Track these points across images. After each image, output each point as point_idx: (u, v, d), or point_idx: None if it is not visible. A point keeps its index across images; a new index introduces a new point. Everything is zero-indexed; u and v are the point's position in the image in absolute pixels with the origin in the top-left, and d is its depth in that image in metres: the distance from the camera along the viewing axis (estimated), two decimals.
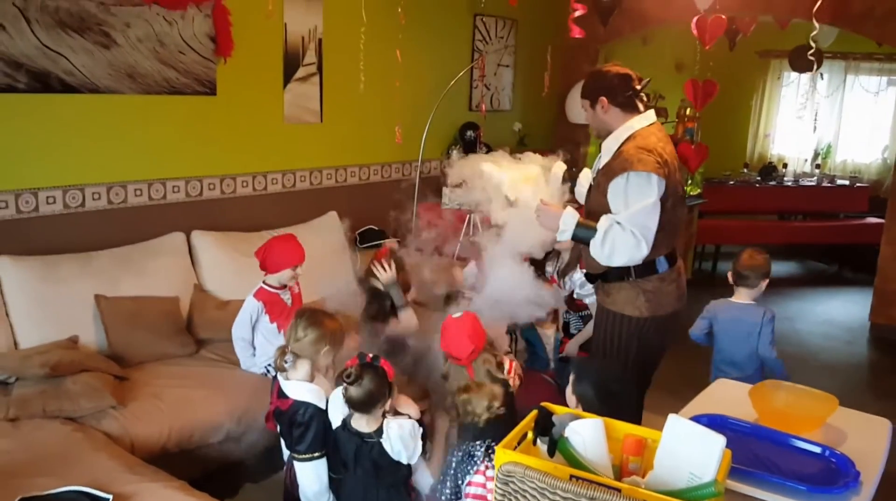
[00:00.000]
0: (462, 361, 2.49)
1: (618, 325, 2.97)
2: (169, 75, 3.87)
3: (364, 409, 2.39)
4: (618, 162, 2.78)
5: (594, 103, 2.90)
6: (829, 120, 8.70)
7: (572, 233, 2.80)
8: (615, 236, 2.71)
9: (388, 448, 2.36)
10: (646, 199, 2.70)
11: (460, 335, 2.52)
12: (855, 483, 2.14)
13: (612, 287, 2.96)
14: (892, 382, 4.93)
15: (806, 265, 8.03)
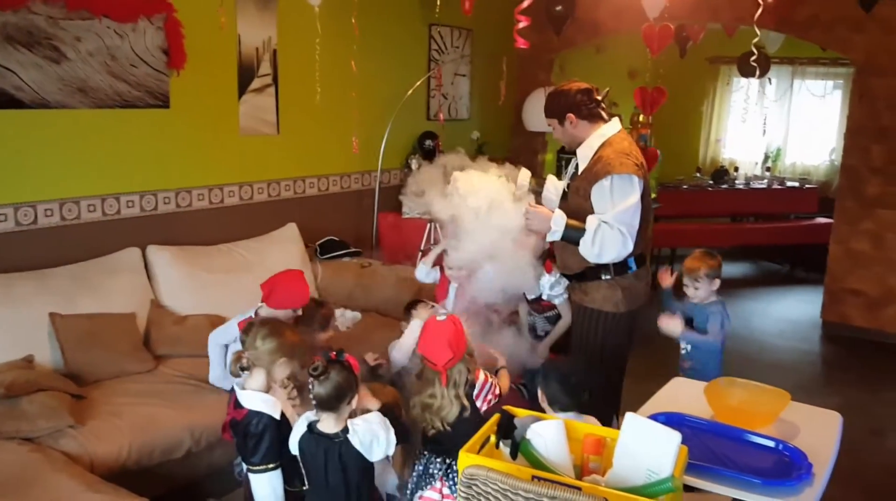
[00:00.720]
0: (437, 367, 2.47)
1: (597, 321, 3.19)
2: (121, 89, 3.83)
3: (333, 405, 2.36)
4: (600, 166, 3.00)
5: (562, 121, 3.13)
6: (778, 124, 8.91)
7: (562, 234, 3.01)
8: (604, 235, 2.94)
9: (357, 444, 2.34)
10: (629, 199, 2.95)
11: (439, 339, 2.46)
12: (808, 475, 2.20)
13: (591, 286, 3.17)
14: (843, 377, 5.06)
15: (759, 266, 8.21)
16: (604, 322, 3.19)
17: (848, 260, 5.79)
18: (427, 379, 2.53)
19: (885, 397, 4.66)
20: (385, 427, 2.38)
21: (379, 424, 2.38)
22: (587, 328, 3.23)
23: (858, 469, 3.65)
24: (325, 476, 2.40)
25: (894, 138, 5.49)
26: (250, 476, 2.57)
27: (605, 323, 3.19)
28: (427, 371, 2.53)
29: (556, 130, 3.20)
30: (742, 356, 5.35)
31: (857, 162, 5.68)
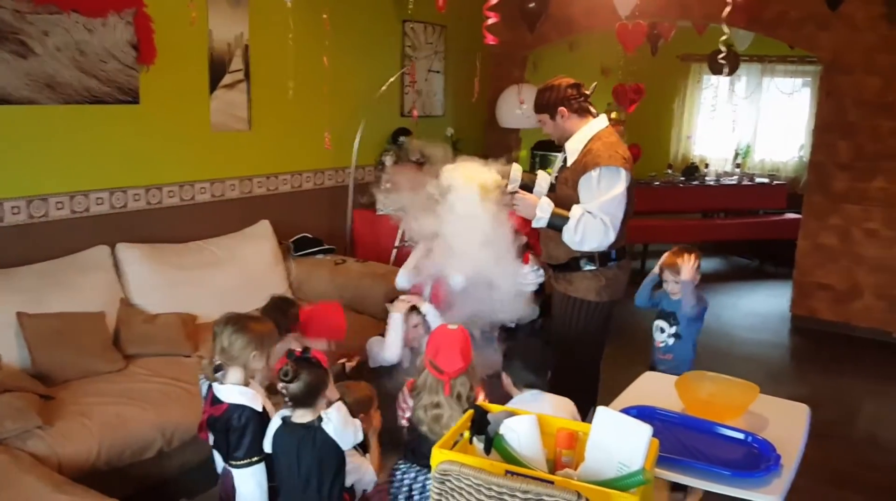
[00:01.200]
0: (444, 375, 2.41)
1: (581, 310, 3.34)
2: (90, 84, 3.77)
3: (307, 402, 2.36)
4: (588, 158, 3.14)
5: (553, 115, 3.26)
6: (747, 121, 9.02)
7: (547, 221, 3.12)
8: (586, 224, 3.07)
9: (331, 431, 2.34)
10: (614, 190, 3.09)
11: (453, 348, 2.43)
12: (776, 467, 2.23)
13: (576, 276, 3.31)
14: (812, 369, 5.14)
15: (729, 261, 8.31)
16: (586, 310, 3.34)
17: (816, 255, 5.89)
18: (430, 387, 2.46)
19: (853, 389, 4.74)
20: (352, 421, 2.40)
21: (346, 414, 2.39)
22: (570, 315, 3.36)
23: (826, 459, 3.71)
24: (297, 468, 2.39)
25: (861, 135, 5.58)
26: (234, 471, 2.54)
27: (587, 311, 3.34)
28: (430, 379, 2.46)
29: (546, 125, 3.33)
30: (713, 349, 5.41)
31: (824, 158, 5.76)
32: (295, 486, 2.44)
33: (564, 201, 3.19)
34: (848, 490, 3.52)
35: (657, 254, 3.64)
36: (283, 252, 4.65)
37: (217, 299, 4.00)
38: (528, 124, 6.44)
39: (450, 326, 2.51)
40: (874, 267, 5.67)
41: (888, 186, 5.55)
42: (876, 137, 5.53)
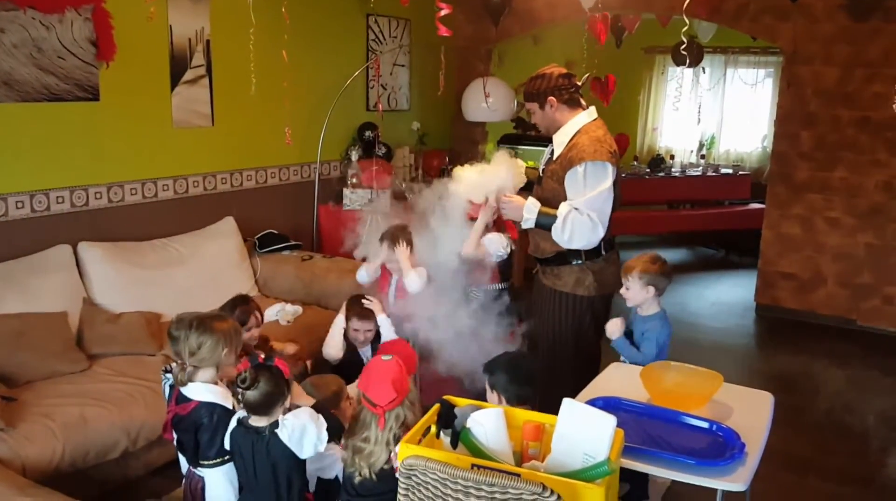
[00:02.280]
0: (377, 408, 2.31)
1: (570, 305, 3.29)
2: (48, 82, 3.70)
3: (263, 411, 2.34)
4: (574, 152, 3.09)
5: (543, 104, 3.20)
6: (712, 112, 9.12)
7: (535, 221, 3.13)
8: (574, 221, 3.04)
9: (285, 438, 2.31)
10: (601, 185, 3.05)
11: (384, 379, 2.31)
12: (740, 455, 2.26)
13: (563, 271, 3.27)
14: (776, 357, 5.22)
15: (695, 252, 8.40)
16: (576, 306, 3.28)
17: (779, 244, 5.97)
18: (363, 422, 2.36)
19: (817, 376, 4.82)
20: (316, 422, 2.35)
21: (309, 418, 2.35)
22: (560, 311, 3.31)
23: (790, 446, 3.77)
24: (253, 470, 2.37)
25: (822, 124, 5.67)
26: (206, 472, 2.52)
27: (576, 307, 3.28)
28: (365, 412, 2.36)
29: (535, 115, 3.27)
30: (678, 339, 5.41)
31: (786, 148, 5.85)
32: (252, 486, 2.42)
33: (551, 195, 3.17)
34: (812, 476, 3.58)
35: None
36: (249, 249, 4.61)
37: (181, 297, 3.95)
38: (494, 118, 6.45)
39: (383, 357, 2.40)
40: (837, 255, 5.77)
41: (848, 175, 5.65)
42: (836, 127, 5.63)
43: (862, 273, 5.70)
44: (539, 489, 1.64)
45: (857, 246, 5.70)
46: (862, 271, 5.70)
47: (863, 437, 3.97)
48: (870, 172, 5.57)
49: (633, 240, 8.52)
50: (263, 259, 4.62)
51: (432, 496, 1.78)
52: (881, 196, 5.56)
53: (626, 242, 8.35)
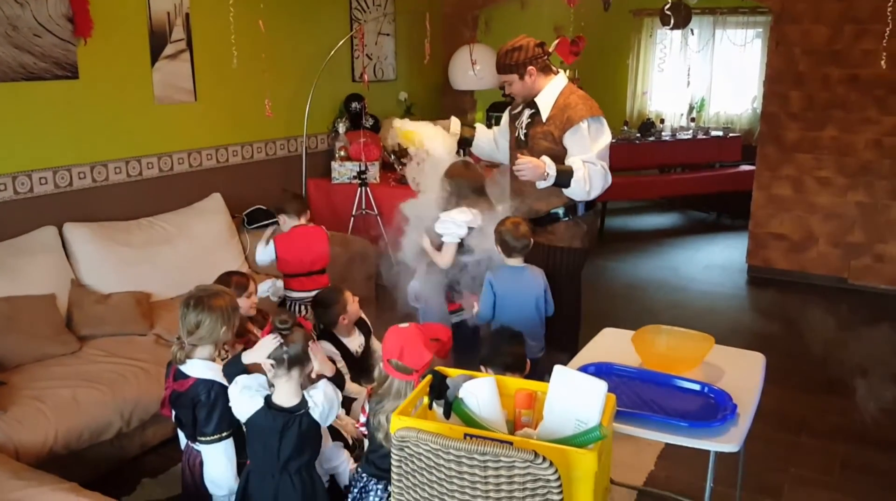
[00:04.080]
0: (414, 375, 2.25)
1: (566, 258, 3.46)
2: (25, 60, 3.64)
3: (304, 359, 2.33)
4: (572, 112, 3.23)
5: (523, 75, 3.31)
6: (701, 74, 9.05)
7: (554, 180, 3.18)
8: (592, 172, 3.19)
9: (318, 415, 2.32)
10: (604, 137, 3.27)
11: (416, 342, 2.27)
12: (732, 416, 2.26)
13: (557, 227, 3.42)
14: (768, 318, 5.23)
15: (687, 216, 8.39)
16: (571, 258, 3.46)
17: (770, 205, 5.96)
18: (396, 393, 2.30)
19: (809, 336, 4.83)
20: (336, 391, 2.38)
21: (332, 390, 2.37)
22: (555, 266, 3.42)
23: (782, 405, 3.79)
24: (277, 450, 2.33)
25: (811, 84, 5.63)
26: (204, 448, 2.53)
27: (571, 259, 3.47)
28: (395, 384, 2.30)
29: (514, 85, 3.38)
30: (671, 302, 5.48)
31: (776, 109, 5.81)
32: (271, 467, 2.37)
33: (540, 155, 3.24)
34: (805, 434, 3.60)
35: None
36: (237, 226, 4.58)
37: (171, 276, 3.93)
38: (481, 86, 6.38)
39: (401, 325, 2.36)
40: (827, 215, 5.76)
41: (839, 134, 5.62)
42: (826, 86, 5.59)
43: (853, 232, 5.70)
44: (531, 456, 1.63)
45: (847, 205, 5.69)
46: (853, 229, 5.70)
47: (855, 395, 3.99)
48: (860, 131, 5.55)
49: (624, 206, 8.51)
50: (252, 235, 4.58)
51: (425, 466, 1.78)
52: (871, 154, 5.54)
53: (618, 208, 8.34)
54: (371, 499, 2.37)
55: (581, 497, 1.78)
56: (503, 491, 1.70)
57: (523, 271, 3.20)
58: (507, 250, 3.16)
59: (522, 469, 1.65)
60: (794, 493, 3.11)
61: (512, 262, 3.19)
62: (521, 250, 3.17)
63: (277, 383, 2.34)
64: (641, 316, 4.67)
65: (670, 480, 3.16)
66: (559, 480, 1.65)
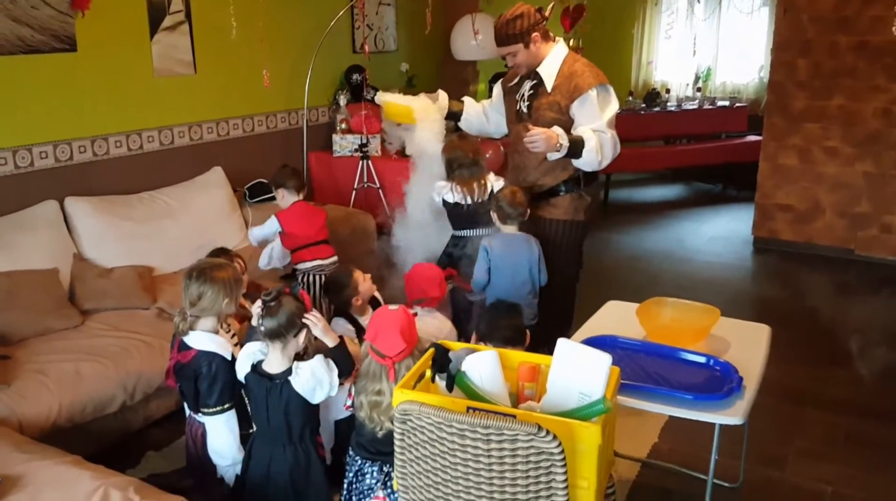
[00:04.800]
0: (387, 360, 2.26)
1: (570, 231, 3.44)
2: (23, 33, 3.59)
3: (280, 334, 2.31)
4: (579, 80, 3.17)
5: (528, 43, 3.22)
6: (707, 43, 8.93)
7: (567, 150, 3.13)
8: (603, 141, 3.17)
9: (298, 387, 2.31)
10: (613, 105, 3.24)
11: (392, 329, 2.26)
12: (738, 388, 2.25)
13: (560, 200, 3.39)
14: (774, 290, 5.21)
15: (692, 187, 8.34)
16: (574, 230, 3.45)
17: (777, 176, 5.91)
18: (373, 374, 2.31)
19: (814, 307, 4.81)
20: (328, 370, 2.35)
21: (323, 369, 2.34)
22: (560, 239, 3.43)
23: (787, 377, 3.77)
24: (266, 415, 2.37)
25: (818, 52, 5.55)
26: (206, 419, 2.54)
27: (575, 231, 3.45)
28: (373, 365, 2.32)
29: (518, 55, 3.27)
30: (677, 274, 5.46)
31: (783, 78, 5.74)
32: (267, 433, 2.43)
33: (550, 126, 3.18)
34: (810, 406, 3.59)
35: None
36: (239, 199, 4.55)
37: (173, 249, 3.92)
38: (484, 56, 6.30)
39: (390, 307, 2.36)
40: (834, 185, 5.71)
41: (846, 103, 5.55)
42: (833, 54, 5.51)
43: (860, 202, 5.66)
44: (534, 429, 1.62)
45: (855, 175, 5.64)
46: (860, 200, 5.65)
47: (860, 367, 3.97)
48: (868, 99, 5.48)
49: (629, 177, 8.45)
50: (254, 209, 4.56)
51: (428, 439, 1.77)
52: (879, 123, 5.47)
53: (622, 179, 8.28)
54: (367, 481, 2.37)
55: (585, 471, 1.77)
56: (506, 465, 1.69)
57: (517, 237, 3.29)
58: (503, 217, 3.28)
59: (526, 442, 1.64)
60: (798, 465, 3.10)
61: (507, 229, 3.30)
62: (517, 217, 3.26)
63: (269, 350, 2.37)
64: (646, 288, 4.66)
65: (674, 452, 3.16)
66: (563, 453, 1.63)
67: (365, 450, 2.37)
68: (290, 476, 2.39)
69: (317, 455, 2.45)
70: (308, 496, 2.42)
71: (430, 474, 1.81)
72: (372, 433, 2.33)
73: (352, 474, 2.40)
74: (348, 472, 2.42)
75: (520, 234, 3.29)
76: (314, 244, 3.71)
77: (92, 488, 2.14)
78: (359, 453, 2.39)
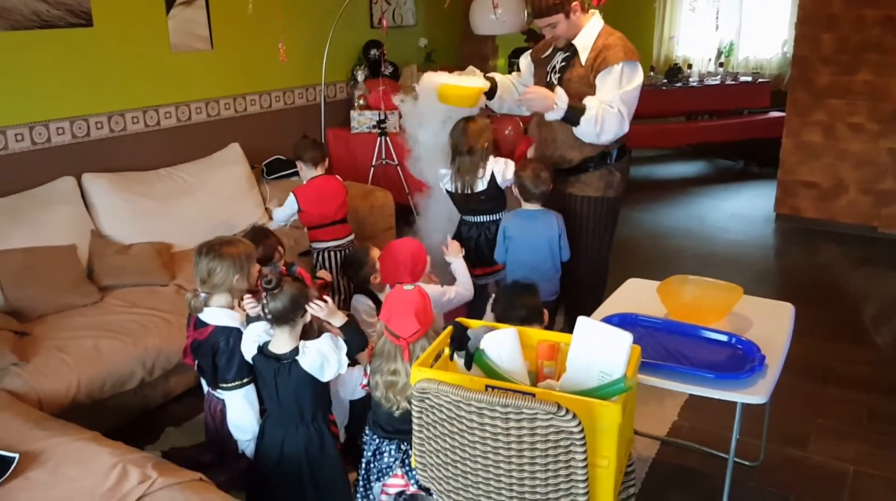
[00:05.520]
0: (401, 340, 2.23)
1: (602, 208, 3.39)
2: (39, 8, 3.58)
3: (288, 318, 2.31)
4: (610, 53, 3.12)
5: (569, 12, 3.14)
6: (730, 17, 8.77)
7: (564, 112, 3.08)
8: (605, 115, 3.08)
9: (306, 366, 2.31)
10: (636, 82, 3.15)
11: (406, 310, 2.22)
12: (760, 367, 2.21)
13: (591, 176, 3.34)
14: (796, 268, 5.14)
15: (714, 164, 8.23)
16: (607, 207, 3.39)
17: (800, 152, 5.81)
18: (388, 354, 2.29)
19: (838, 285, 4.75)
20: (335, 349, 2.34)
21: (330, 347, 2.33)
22: (593, 216, 3.39)
23: (810, 355, 3.73)
24: (276, 396, 2.37)
25: (844, 25, 5.42)
26: (225, 394, 2.55)
27: (607, 208, 3.40)
28: (388, 345, 2.29)
29: (559, 26, 3.18)
30: (698, 252, 5.40)
31: (808, 52, 5.62)
32: (278, 413, 2.43)
33: (578, 100, 3.13)
34: (833, 385, 3.55)
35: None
36: (257, 176, 4.53)
37: (191, 226, 3.91)
38: (503, 30, 6.22)
39: (405, 287, 2.32)
40: (859, 162, 5.61)
41: (873, 78, 5.43)
42: (860, 28, 5.38)
43: (884, 179, 5.55)
44: (554, 408, 1.60)
45: (879, 152, 5.53)
46: (885, 177, 5.55)
47: (886, 346, 3.92)
48: (895, 74, 5.35)
49: (650, 154, 8.36)
50: (272, 186, 4.55)
51: (446, 417, 1.75)
52: None
53: (643, 156, 8.19)
54: (385, 460, 2.36)
55: (604, 449, 1.75)
56: (525, 443, 1.67)
57: (536, 214, 3.26)
58: (526, 195, 3.26)
59: (545, 421, 1.62)
60: (820, 444, 3.07)
61: (528, 206, 3.27)
62: (540, 196, 3.24)
63: (275, 332, 2.37)
64: (667, 266, 4.61)
65: (694, 430, 3.13)
66: (582, 432, 1.61)
67: (382, 429, 2.36)
68: (306, 455, 2.39)
69: (330, 433, 2.45)
70: (323, 474, 2.42)
71: (447, 452, 1.80)
72: (388, 412, 2.31)
73: (370, 453, 2.39)
74: (366, 451, 2.41)
75: (540, 210, 3.25)
76: (331, 224, 3.70)
77: (110, 464, 2.16)
78: (376, 432, 2.38)
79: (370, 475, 2.39)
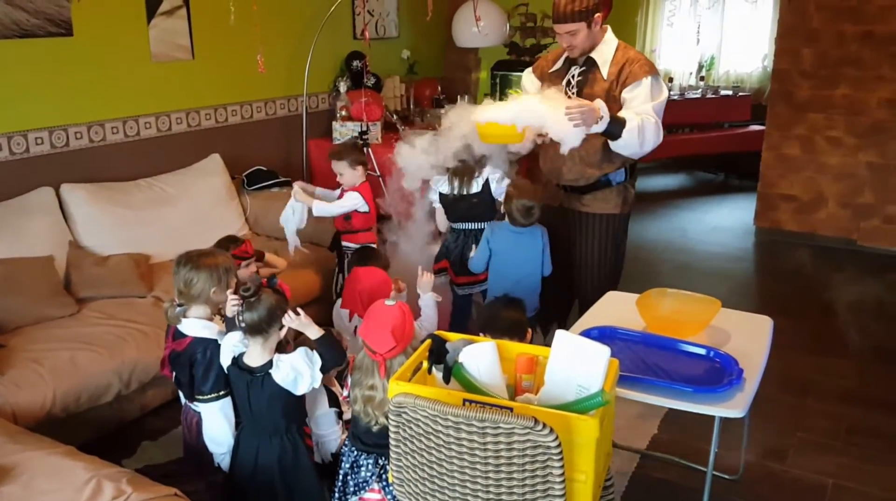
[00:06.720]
0: (377, 356, 2.22)
1: (609, 225, 3.39)
2: (18, 17, 3.55)
3: (263, 329, 2.30)
4: (635, 67, 3.12)
5: (591, 23, 3.10)
6: (711, 32, 8.86)
7: (606, 125, 3.02)
8: (646, 126, 3.07)
9: (279, 380, 2.29)
10: (664, 94, 3.18)
11: (384, 326, 2.20)
12: (738, 380, 2.22)
13: (607, 193, 3.35)
14: (775, 281, 5.18)
15: (694, 177, 8.29)
16: (617, 225, 3.41)
17: (780, 166, 5.87)
18: (366, 368, 2.28)
19: (817, 298, 4.78)
20: (309, 363, 2.33)
21: (304, 362, 2.32)
22: (608, 234, 3.39)
23: (789, 368, 3.75)
24: (249, 408, 2.37)
25: (824, 40, 5.49)
26: (201, 407, 2.52)
27: (620, 225, 3.42)
28: (367, 359, 2.28)
29: (579, 35, 3.12)
30: (678, 264, 5.43)
31: (787, 66, 5.68)
32: (251, 425, 2.42)
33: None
34: (810, 397, 3.57)
35: None
36: (237, 187, 4.50)
37: (170, 237, 3.88)
38: (486, 43, 6.24)
39: (387, 301, 2.29)
40: (838, 175, 5.67)
41: (851, 92, 5.50)
42: (839, 43, 5.45)
43: (863, 193, 5.61)
44: (531, 423, 1.59)
45: (858, 165, 5.59)
46: (863, 190, 5.61)
47: (863, 358, 3.94)
48: (873, 89, 5.42)
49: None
50: (253, 197, 4.52)
51: (423, 432, 1.74)
52: (884, 113, 5.42)
53: None
54: (363, 474, 2.34)
55: (582, 464, 1.74)
56: (502, 458, 1.66)
57: (523, 229, 3.25)
58: (512, 222, 3.26)
59: (522, 435, 1.61)
60: (799, 457, 3.08)
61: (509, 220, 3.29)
62: (526, 226, 3.25)
63: (249, 343, 2.36)
64: (647, 279, 4.62)
65: (674, 443, 3.13)
66: (560, 447, 1.61)
67: (361, 442, 2.34)
68: (279, 466, 2.38)
69: (304, 444, 2.43)
70: (298, 486, 2.41)
71: (425, 467, 1.79)
72: (367, 426, 2.30)
73: (347, 466, 2.38)
74: (344, 464, 2.39)
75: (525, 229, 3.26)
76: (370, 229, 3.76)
77: (85, 479, 2.12)
78: (354, 445, 2.37)
79: (347, 488, 2.37)
